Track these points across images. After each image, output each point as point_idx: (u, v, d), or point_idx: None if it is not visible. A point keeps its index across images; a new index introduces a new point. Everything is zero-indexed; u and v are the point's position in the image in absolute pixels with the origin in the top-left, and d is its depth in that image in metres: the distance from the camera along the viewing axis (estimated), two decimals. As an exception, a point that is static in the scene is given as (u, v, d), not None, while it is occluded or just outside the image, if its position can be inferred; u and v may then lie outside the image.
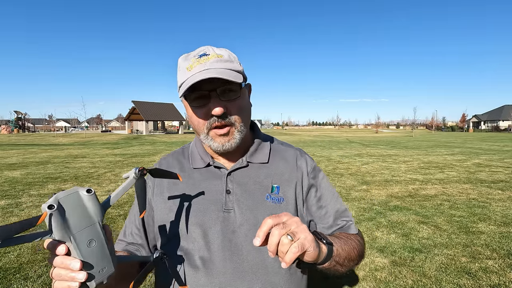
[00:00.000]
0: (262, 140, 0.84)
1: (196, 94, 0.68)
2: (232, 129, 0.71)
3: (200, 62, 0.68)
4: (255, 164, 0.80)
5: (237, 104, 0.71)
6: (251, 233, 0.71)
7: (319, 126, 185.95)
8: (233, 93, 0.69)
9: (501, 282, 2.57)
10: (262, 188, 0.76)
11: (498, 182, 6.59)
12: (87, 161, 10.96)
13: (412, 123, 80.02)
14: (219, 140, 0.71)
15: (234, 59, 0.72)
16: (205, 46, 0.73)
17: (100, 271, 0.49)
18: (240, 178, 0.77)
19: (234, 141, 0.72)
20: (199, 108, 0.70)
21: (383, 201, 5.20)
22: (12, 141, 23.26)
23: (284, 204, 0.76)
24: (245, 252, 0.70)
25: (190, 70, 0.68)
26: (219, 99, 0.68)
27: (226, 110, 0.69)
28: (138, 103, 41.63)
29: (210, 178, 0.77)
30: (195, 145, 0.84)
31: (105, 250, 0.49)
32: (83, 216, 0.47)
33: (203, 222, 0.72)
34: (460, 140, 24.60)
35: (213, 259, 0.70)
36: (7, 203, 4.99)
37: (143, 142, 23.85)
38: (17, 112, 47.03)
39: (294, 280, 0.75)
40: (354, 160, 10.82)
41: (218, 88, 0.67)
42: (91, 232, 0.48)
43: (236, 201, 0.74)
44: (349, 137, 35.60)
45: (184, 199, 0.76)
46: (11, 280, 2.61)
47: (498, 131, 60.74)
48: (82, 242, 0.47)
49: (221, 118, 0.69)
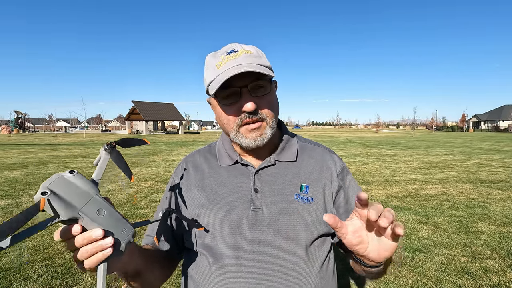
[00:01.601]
0: (289, 138, 0.82)
1: (227, 91, 0.67)
2: (263, 124, 0.70)
3: (230, 59, 0.67)
4: (283, 162, 0.78)
5: (268, 100, 0.70)
6: (280, 234, 0.69)
7: (319, 126, 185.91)
8: (263, 89, 0.69)
9: (501, 282, 2.57)
10: (291, 187, 0.74)
11: (498, 182, 6.58)
12: (87, 161, 10.96)
13: (412, 123, 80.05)
14: (250, 135, 0.70)
15: (262, 55, 0.72)
16: (233, 43, 0.72)
17: (122, 231, 0.49)
18: (268, 177, 0.75)
19: (266, 136, 0.70)
20: (229, 106, 0.69)
21: (383, 201, 5.20)
22: (12, 141, 23.24)
23: (314, 204, 0.74)
24: (274, 253, 0.68)
25: (220, 67, 0.67)
26: (250, 95, 0.67)
27: (257, 106, 0.68)
28: (138, 103, 41.61)
29: (238, 176, 0.76)
30: (222, 143, 0.83)
31: (116, 215, 0.50)
32: (79, 193, 0.47)
33: (231, 220, 0.71)
34: (460, 140, 24.59)
35: (241, 258, 0.68)
36: (7, 203, 4.99)
37: (143, 142, 23.81)
38: (17, 112, 47.01)
39: (324, 284, 0.72)
40: (354, 160, 10.82)
41: (249, 84, 0.67)
42: (95, 203, 0.48)
43: (264, 200, 0.72)
44: (349, 137, 35.60)
45: (211, 195, 0.75)
46: (11, 280, 2.60)
47: (498, 131, 60.71)
48: (92, 213, 0.47)
49: (253, 114, 0.68)
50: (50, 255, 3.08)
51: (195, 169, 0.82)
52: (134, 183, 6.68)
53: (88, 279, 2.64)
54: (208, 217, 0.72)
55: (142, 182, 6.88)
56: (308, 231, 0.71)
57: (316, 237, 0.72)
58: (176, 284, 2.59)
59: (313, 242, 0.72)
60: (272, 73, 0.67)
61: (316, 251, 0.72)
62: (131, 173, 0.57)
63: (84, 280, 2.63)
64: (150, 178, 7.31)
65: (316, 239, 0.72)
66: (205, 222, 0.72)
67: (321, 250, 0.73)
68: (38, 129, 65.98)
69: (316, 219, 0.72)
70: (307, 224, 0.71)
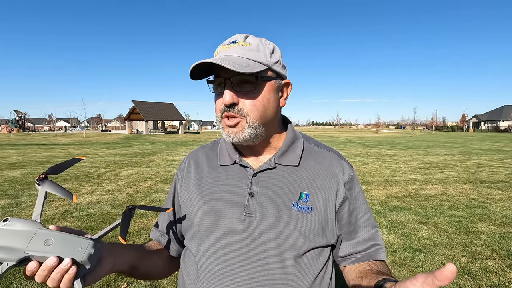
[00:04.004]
0: (295, 140, 0.77)
1: (217, 80, 0.67)
2: (242, 122, 0.66)
3: (225, 49, 0.67)
4: (284, 166, 0.73)
5: (251, 97, 0.66)
6: (271, 243, 0.66)
7: (319, 126, 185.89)
8: (249, 85, 0.65)
9: (501, 282, 2.57)
10: (289, 194, 0.70)
11: (498, 182, 6.58)
12: (87, 160, 10.94)
13: (412, 123, 80.00)
14: (227, 130, 0.68)
15: (264, 50, 0.67)
16: (241, 34, 0.70)
17: (78, 248, 0.51)
18: (266, 181, 0.71)
19: (242, 136, 0.66)
20: (217, 95, 0.69)
21: (383, 201, 5.20)
22: (12, 141, 23.24)
23: (312, 215, 0.69)
24: (263, 263, 0.64)
25: (216, 55, 0.67)
26: (233, 89, 0.65)
27: (238, 101, 0.65)
28: (138, 102, 41.61)
29: (235, 177, 0.73)
30: (224, 141, 0.80)
31: (67, 237, 0.52)
32: (18, 235, 0.50)
33: (223, 224, 0.68)
34: (460, 140, 24.59)
35: (229, 266, 0.65)
36: (7, 203, 4.99)
37: (143, 142, 23.85)
38: (17, 112, 47.01)
39: None
40: (354, 160, 10.82)
41: (232, 78, 0.64)
42: (40, 237, 0.51)
43: (259, 205, 0.69)
44: (349, 137, 35.60)
45: (207, 196, 0.73)
46: (10, 280, 2.60)
47: (498, 131, 60.72)
48: (39, 247, 0.50)
49: (230, 108, 0.65)
50: (50, 255, 3.08)
51: (196, 167, 0.80)
52: (134, 183, 6.69)
53: (88, 279, 2.64)
54: (201, 218, 0.71)
55: (142, 182, 6.88)
56: (301, 242, 0.67)
57: (310, 249, 0.68)
58: (176, 284, 2.60)
59: (306, 253, 0.68)
60: (254, 70, 0.63)
61: (309, 263, 0.68)
62: (71, 194, 0.59)
63: (84, 280, 2.62)
64: (150, 178, 7.31)
65: (310, 250, 0.68)
66: (198, 223, 0.71)
67: (316, 263, 0.69)
68: (39, 128, 65.93)
69: (313, 230, 0.68)
70: (301, 234, 0.67)
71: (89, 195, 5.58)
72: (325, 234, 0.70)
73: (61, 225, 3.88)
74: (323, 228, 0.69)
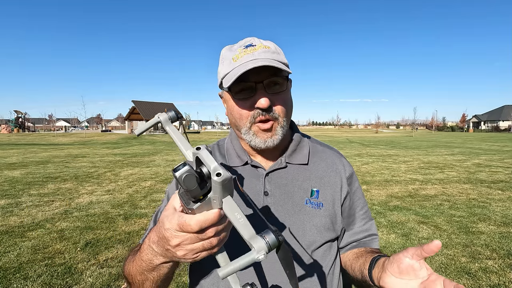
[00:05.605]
0: (301, 139, 0.80)
1: (242, 85, 0.65)
2: (275, 124, 0.67)
3: (247, 53, 0.65)
4: (294, 165, 0.76)
5: (282, 98, 0.67)
6: (288, 240, 0.68)
7: (319, 126, 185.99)
8: (279, 86, 0.66)
9: (501, 282, 2.57)
10: (301, 191, 0.73)
11: (498, 182, 6.59)
12: (87, 160, 10.96)
13: (412, 123, 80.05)
14: (261, 135, 0.67)
15: (280, 52, 0.70)
16: (250, 37, 0.70)
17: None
18: (278, 180, 0.73)
19: (277, 138, 0.68)
20: (243, 101, 0.66)
21: (383, 201, 5.20)
22: (12, 141, 23.25)
23: (323, 210, 0.72)
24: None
25: (236, 60, 0.65)
26: (265, 92, 0.65)
27: (271, 103, 0.65)
28: (138, 102, 41.65)
29: (247, 178, 0.74)
30: (231, 142, 0.80)
31: None
32: None
33: None
34: (460, 140, 24.60)
35: None
36: (7, 203, 4.99)
37: (143, 142, 23.85)
38: (17, 112, 47.01)
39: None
40: (354, 160, 10.82)
41: (265, 80, 0.64)
42: None
43: (274, 204, 0.71)
44: (349, 137, 35.61)
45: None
46: (11, 280, 2.60)
47: (498, 131, 60.74)
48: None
49: (266, 112, 0.65)
50: (50, 255, 3.08)
51: None
52: (134, 183, 6.69)
53: (88, 279, 2.64)
54: None
55: (142, 182, 6.88)
56: (316, 238, 0.70)
57: (323, 243, 0.72)
58: (176, 284, 2.59)
59: (320, 247, 0.71)
60: (289, 70, 0.66)
61: (323, 257, 0.72)
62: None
63: (84, 280, 2.63)
64: (150, 178, 7.31)
65: (323, 244, 0.72)
66: None
67: (328, 255, 0.73)
68: (38, 128, 65.94)
69: (325, 225, 0.72)
70: (316, 230, 0.70)
71: (89, 195, 5.58)
72: (334, 228, 0.74)
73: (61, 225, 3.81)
74: (332, 222, 0.74)
